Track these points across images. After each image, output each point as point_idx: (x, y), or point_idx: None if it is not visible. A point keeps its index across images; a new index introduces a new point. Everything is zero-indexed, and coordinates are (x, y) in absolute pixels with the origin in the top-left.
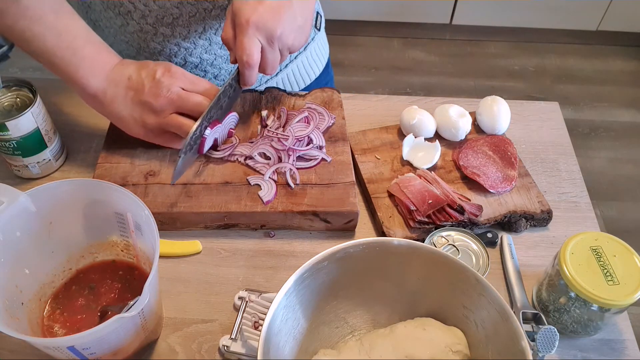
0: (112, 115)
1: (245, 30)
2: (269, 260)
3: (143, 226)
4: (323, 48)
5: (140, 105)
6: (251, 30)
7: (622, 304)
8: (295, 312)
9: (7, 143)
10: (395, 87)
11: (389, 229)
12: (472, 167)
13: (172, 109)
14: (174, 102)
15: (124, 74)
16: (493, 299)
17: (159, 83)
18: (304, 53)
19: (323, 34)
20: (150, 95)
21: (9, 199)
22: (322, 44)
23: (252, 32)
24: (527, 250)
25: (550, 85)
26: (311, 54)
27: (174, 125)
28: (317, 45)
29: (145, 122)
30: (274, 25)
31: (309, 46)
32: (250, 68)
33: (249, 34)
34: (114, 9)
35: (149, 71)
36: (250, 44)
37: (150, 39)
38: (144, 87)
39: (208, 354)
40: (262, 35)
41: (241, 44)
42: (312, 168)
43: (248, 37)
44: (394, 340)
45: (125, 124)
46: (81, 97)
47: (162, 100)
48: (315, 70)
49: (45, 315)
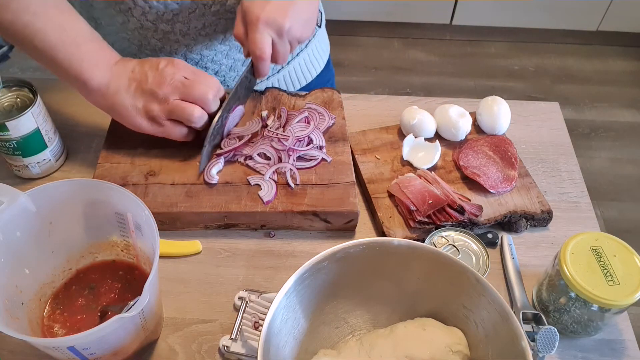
0: (115, 108)
1: (256, 26)
2: (269, 260)
3: (143, 226)
4: (324, 45)
5: (144, 94)
6: (262, 26)
7: (622, 304)
8: (295, 312)
9: (7, 143)
10: (395, 87)
11: (389, 229)
12: (472, 167)
13: (176, 96)
14: (177, 89)
15: (128, 67)
16: (493, 299)
17: (162, 72)
18: (305, 50)
19: (324, 31)
20: (154, 84)
21: (9, 199)
22: (323, 41)
23: (263, 27)
24: (527, 251)
25: (550, 85)
26: (312, 52)
27: (178, 110)
28: (318, 42)
29: (148, 111)
30: (282, 20)
31: (310, 43)
32: (263, 61)
33: (260, 30)
34: (115, 6)
35: (152, 63)
36: (262, 39)
37: (151, 36)
38: (147, 77)
39: (208, 354)
40: (272, 30)
41: (253, 40)
42: (312, 168)
43: (259, 32)
44: (394, 340)
45: (128, 115)
46: (82, 92)
47: (166, 88)
48: (316, 67)
49: (45, 315)
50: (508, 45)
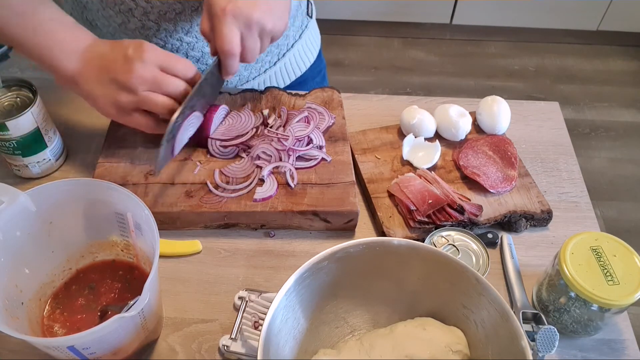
0: (87, 95)
1: (223, 19)
2: (269, 260)
3: (143, 226)
4: (315, 36)
5: (113, 83)
6: (229, 18)
7: (622, 304)
8: (295, 312)
9: (7, 143)
10: (395, 87)
11: (389, 229)
12: (472, 167)
13: (146, 87)
14: (147, 81)
15: (97, 53)
16: (493, 298)
17: (131, 60)
18: (299, 41)
19: (314, 22)
20: (121, 73)
21: (9, 199)
22: (314, 32)
23: (230, 20)
24: (527, 250)
25: (550, 85)
26: (305, 42)
27: (148, 102)
28: (310, 33)
29: (117, 101)
30: (250, 11)
31: (304, 34)
32: (232, 57)
33: (227, 23)
34: (114, 7)
35: (122, 49)
36: (230, 32)
37: (153, 35)
38: (116, 64)
39: (208, 354)
40: (241, 22)
41: (220, 34)
42: (312, 168)
43: (227, 25)
44: (394, 340)
45: (99, 104)
46: (57, 80)
47: (135, 78)
48: (310, 58)
49: (45, 315)
50: (508, 44)
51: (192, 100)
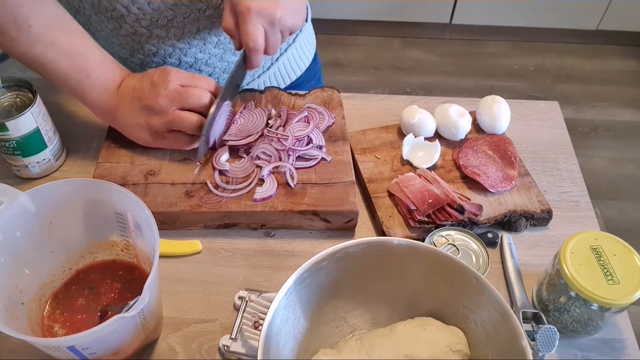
0: (124, 127)
1: (248, 17)
2: (269, 260)
3: (143, 226)
4: (311, 39)
5: (144, 110)
6: (253, 16)
7: (622, 303)
8: (295, 312)
9: (7, 143)
10: (395, 86)
11: (389, 229)
12: (472, 167)
13: (173, 106)
14: (174, 99)
15: (129, 86)
16: (493, 298)
17: (156, 84)
18: (293, 45)
19: (310, 26)
20: (150, 98)
21: (9, 199)
22: (309, 35)
23: (255, 18)
24: (527, 250)
25: (550, 84)
26: (300, 46)
27: (178, 121)
28: (305, 36)
29: (150, 126)
30: (273, 10)
31: (298, 38)
32: (257, 52)
33: (252, 21)
34: (105, 12)
35: (149, 77)
36: (255, 29)
37: (145, 41)
38: (144, 92)
39: (208, 354)
40: (264, 20)
41: (246, 31)
42: (312, 167)
43: (252, 23)
44: (394, 340)
45: (135, 133)
46: (96, 115)
47: (162, 100)
48: (305, 62)
49: (45, 315)
50: (508, 44)
51: (225, 93)
